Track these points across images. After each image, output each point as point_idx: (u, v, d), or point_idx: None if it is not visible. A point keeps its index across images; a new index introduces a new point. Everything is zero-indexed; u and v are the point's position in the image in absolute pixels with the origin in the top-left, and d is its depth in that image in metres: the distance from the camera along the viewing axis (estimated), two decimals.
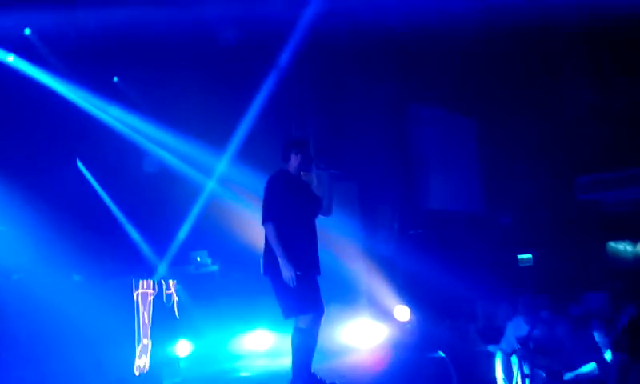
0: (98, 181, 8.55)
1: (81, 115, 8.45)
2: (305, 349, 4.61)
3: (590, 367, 5.48)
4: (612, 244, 9.92)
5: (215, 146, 8.91)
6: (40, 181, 7.49)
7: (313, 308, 4.61)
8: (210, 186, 9.14)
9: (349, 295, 8.16)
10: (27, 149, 7.67)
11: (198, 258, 8.81)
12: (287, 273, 4.47)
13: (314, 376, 4.67)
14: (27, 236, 5.79)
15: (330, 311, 7.47)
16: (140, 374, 5.51)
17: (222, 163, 9.04)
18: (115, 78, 8.86)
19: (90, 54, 7.89)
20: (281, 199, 4.63)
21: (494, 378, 6.62)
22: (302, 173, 4.85)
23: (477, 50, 8.15)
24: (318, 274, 4.73)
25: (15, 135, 7.43)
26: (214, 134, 8.76)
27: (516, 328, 6.41)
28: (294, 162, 4.79)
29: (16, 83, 7.56)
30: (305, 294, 4.58)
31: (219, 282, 8.65)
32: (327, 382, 4.72)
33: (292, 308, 4.59)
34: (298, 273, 4.49)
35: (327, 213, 4.85)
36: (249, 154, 8.61)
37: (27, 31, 7.64)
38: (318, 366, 6.18)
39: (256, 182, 6.31)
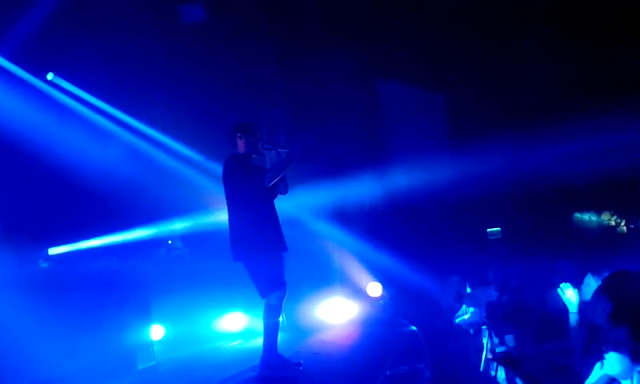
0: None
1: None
2: (276, 324, 4.72)
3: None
4: (577, 214, 10.16)
5: (181, 128, 8.77)
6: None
7: (283, 284, 4.73)
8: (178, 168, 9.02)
9: (322, 274, 8.21)
10: None
11: (170, 242, 8.73)
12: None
13: (281, 356, 4.77)
14: None
15: (303, 290, 7.60)
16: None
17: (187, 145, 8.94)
18: (50, 75, 8.49)
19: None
20: (244, 180, 4.70)
21: (465, 351, 6.77)
22: (253, 155, 4.91)
23: (443, 24, 8.18)
24: (285, 250, 4.83)
25: None
26: (178, 116, 8.62)
27: (487, 297, 6.53)
28: (240, 145, 4.87)
29: None
30: (276, 271, 4.71)
31: (191, 265, 8.59)
32: (293, 360, 4.83)
33: (268, 286, 4.68)
34: None
35: (283, 191, 4.90)
36: (217, 136, 8.50)
37: None
38: (291, 343, 6.26)
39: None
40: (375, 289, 8.16)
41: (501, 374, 6.18)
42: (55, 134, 8.16)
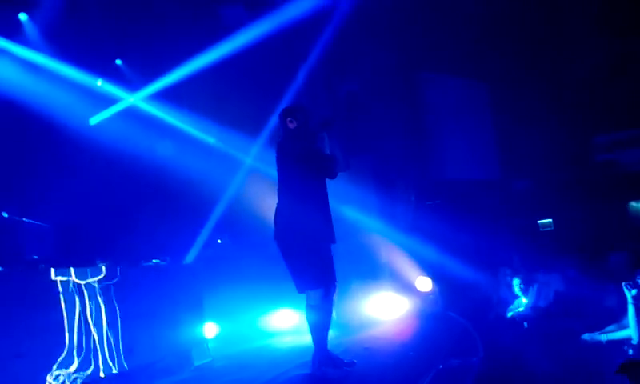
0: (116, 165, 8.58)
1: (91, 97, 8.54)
2: (320, 325, 4.54)
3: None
4: (633, 203, 9.82)
5: (227, 126, 8.95)
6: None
7: (323, 283, 4.51)
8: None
9: (370, 270, 8.21)
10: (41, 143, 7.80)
11: (219, 241, 8.90)
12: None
13: (330, 354, 4.64)
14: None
15: (352, 286, 7.62)
16: None
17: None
18: (118, 61, 8.89)
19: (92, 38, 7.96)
20: (298, 161, 4.54)
21: (519, 344, 6.65)
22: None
23: (486, 13, 8.05)
24: (333, 242, 4.64)
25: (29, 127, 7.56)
26: (223, 113, 8.80)
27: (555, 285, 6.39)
28: (294, 129, 4.67)
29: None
30: (316, 268, 4.49)
31: (240, 264, 8.73)
32: (345, 359, 4.68)
33: (307, 281, 4.50)
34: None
35: (344, 168, 4.71)
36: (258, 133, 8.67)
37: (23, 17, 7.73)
38: (343, 338, 6.29)
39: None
40: (425, 283, 8.11)
41: None
42: (111, 134, 8.50)
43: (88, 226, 7.12)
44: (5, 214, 6.58)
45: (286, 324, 7.91)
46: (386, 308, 7.86)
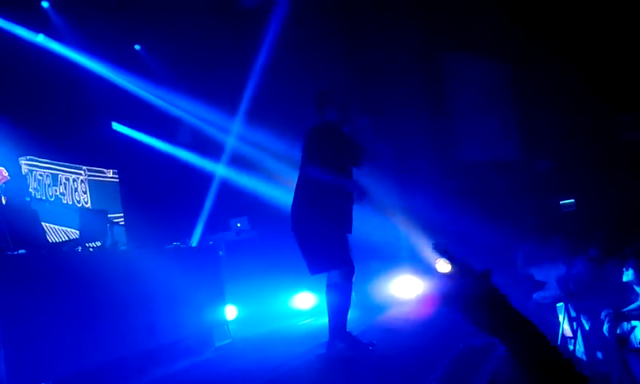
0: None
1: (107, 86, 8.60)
2: (339, 306, 4.48)
3: None
4: None
5: (239, 109, 8.96)
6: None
7: (343, 263, 4.47)
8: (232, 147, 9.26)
9: (389, 252, 8.17)
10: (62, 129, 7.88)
11: (238, 225, 8.94)
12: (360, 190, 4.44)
13: (349, 335, 4.57)
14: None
15: (371, 268, 7.59)
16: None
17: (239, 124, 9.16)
18: (137, 46, 8.93)
19: (107, 22, 7.99)
20: (322, 149, 4.45)
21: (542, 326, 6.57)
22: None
23: None
24: (349, 232, 4.61)
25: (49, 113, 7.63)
26: (237, 98, 8.80)
27: (555, 272, 6.34)
28: (328, 115, 4.59)
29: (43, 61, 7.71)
30: (335, 249, 4.45)
31: (260, 247, 8.78)
32: (364, 341, 4.61)
33: (321, 263, 4.47)
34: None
35: (370, 159, 4.71)
36: (276, 116, 8.65)
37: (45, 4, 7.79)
38: (363, 319, 6.28)
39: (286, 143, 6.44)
40: (444, 265, 8.04)
41: (579, 348, 6.00)
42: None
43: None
44: (28, 199, 6.71)
45: (305, 306, 7.93)
46: (406, 289, 7.84)
